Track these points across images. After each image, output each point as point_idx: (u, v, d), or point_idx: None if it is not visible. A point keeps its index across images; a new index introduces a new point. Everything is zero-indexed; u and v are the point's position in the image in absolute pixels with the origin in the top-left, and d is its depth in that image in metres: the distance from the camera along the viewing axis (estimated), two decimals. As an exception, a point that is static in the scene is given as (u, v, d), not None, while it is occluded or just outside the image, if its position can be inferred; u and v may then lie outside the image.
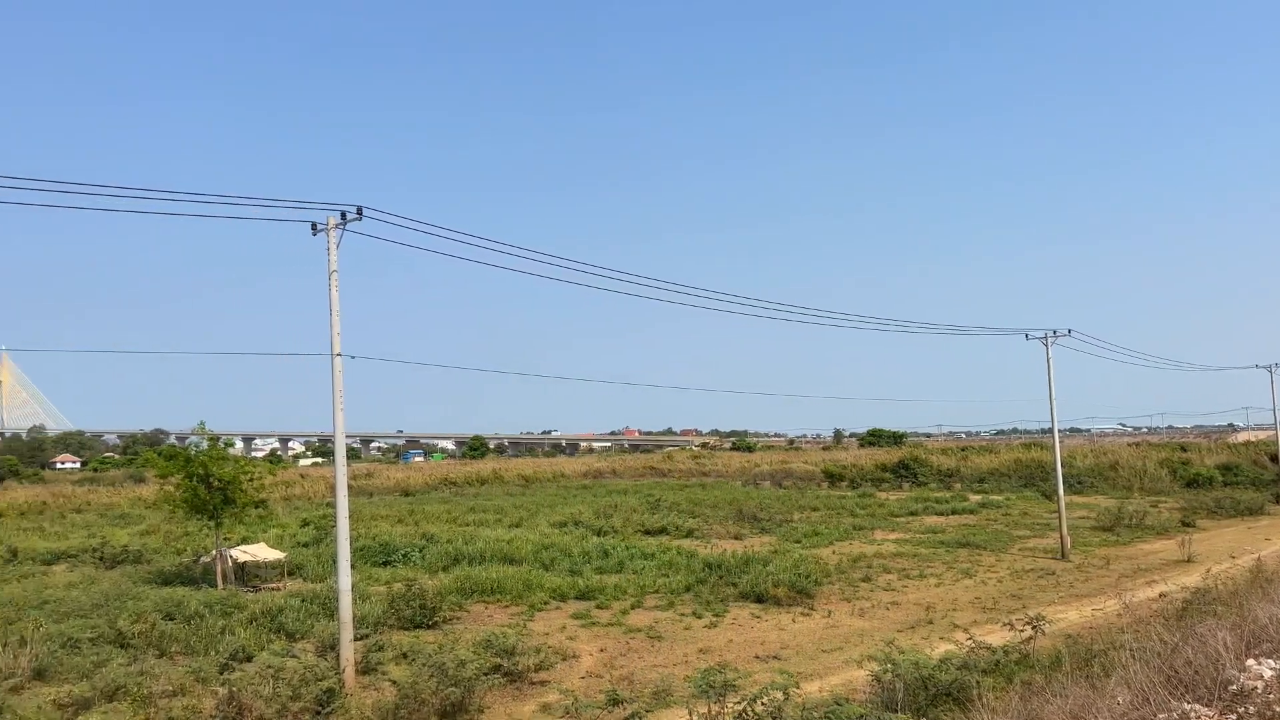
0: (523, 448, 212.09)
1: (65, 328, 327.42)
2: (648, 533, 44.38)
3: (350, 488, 19.63)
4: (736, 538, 42.75)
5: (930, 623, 23.86)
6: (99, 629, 22.14)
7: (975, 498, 64.06)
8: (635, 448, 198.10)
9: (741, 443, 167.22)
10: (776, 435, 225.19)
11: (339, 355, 18.67)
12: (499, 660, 17.99)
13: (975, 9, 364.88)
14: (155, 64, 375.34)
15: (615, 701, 14.82)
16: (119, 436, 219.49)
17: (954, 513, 53.80)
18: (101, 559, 36.45)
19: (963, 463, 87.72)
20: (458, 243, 19.98)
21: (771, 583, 27.55)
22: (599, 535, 42.29)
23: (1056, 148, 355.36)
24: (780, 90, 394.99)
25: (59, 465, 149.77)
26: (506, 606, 26.94)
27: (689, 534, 44.04)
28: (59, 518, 58.93)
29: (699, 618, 24.81)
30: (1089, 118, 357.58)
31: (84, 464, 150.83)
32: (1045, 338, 39.16)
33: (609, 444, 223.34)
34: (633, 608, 26.23)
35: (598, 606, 26.43)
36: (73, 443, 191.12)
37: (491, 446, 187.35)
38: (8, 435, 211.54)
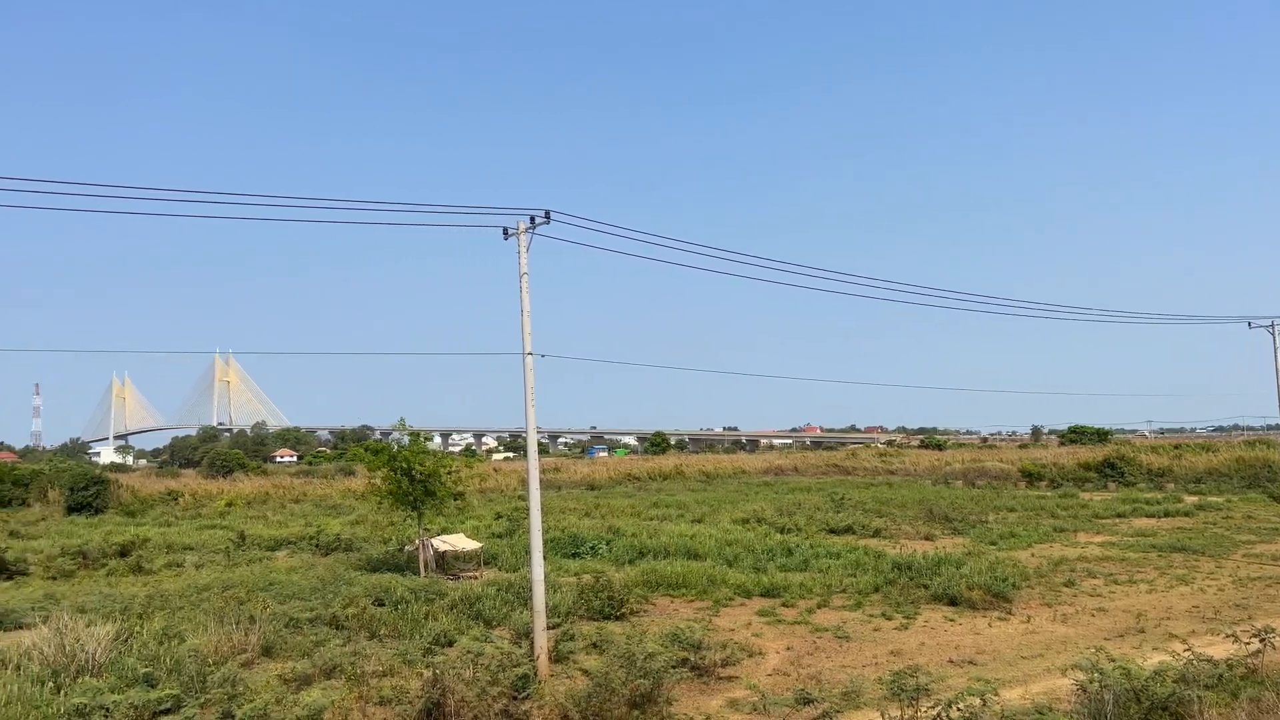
0: (703, 444, 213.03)
1: (283, 332, 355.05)
2: (832, 531, 43.64)
3: (540, 482, 20.29)
4: (927, 538, 41.41)
5: (1141, 631, 22.31)
6: (317, 611, 23.65)
7: (1191, 499, 59.32)
8: (817, 445, 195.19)
9: (930, 440, 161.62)
10: (968, 432, 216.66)
11: (530, 354, 19.33)
12: (686, 654, 18.18)
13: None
14: (345, 76, 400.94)
15: (804, 700, 14.69)
16: (330, 432, 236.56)
17: (1167, 515, 50.02)
18: (317, 546, 39.41)
19: (1176, 461, 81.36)
20: (641, 242, 20.34)
21: (965, 585, 26.52)
22: (782, 533, 41.93)
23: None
24: (976, 71, 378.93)
25: (279, 459, 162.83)
26: (691, 601, 27.10)
27: (876, 533, 43.00)
28: (280, 507, 64.49)
29: (888, 619, 24.20)
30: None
31: (300, 458, 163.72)
32: (1272, 325, 35.83)
33: (789, 441, 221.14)
34: (819, 607, 25.87)
35: (783, 604, 26.22)
36: (290, 438, 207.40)
37: (672, 442, 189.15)
38: (234, 431, 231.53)
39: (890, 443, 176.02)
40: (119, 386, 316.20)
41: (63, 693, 15.66)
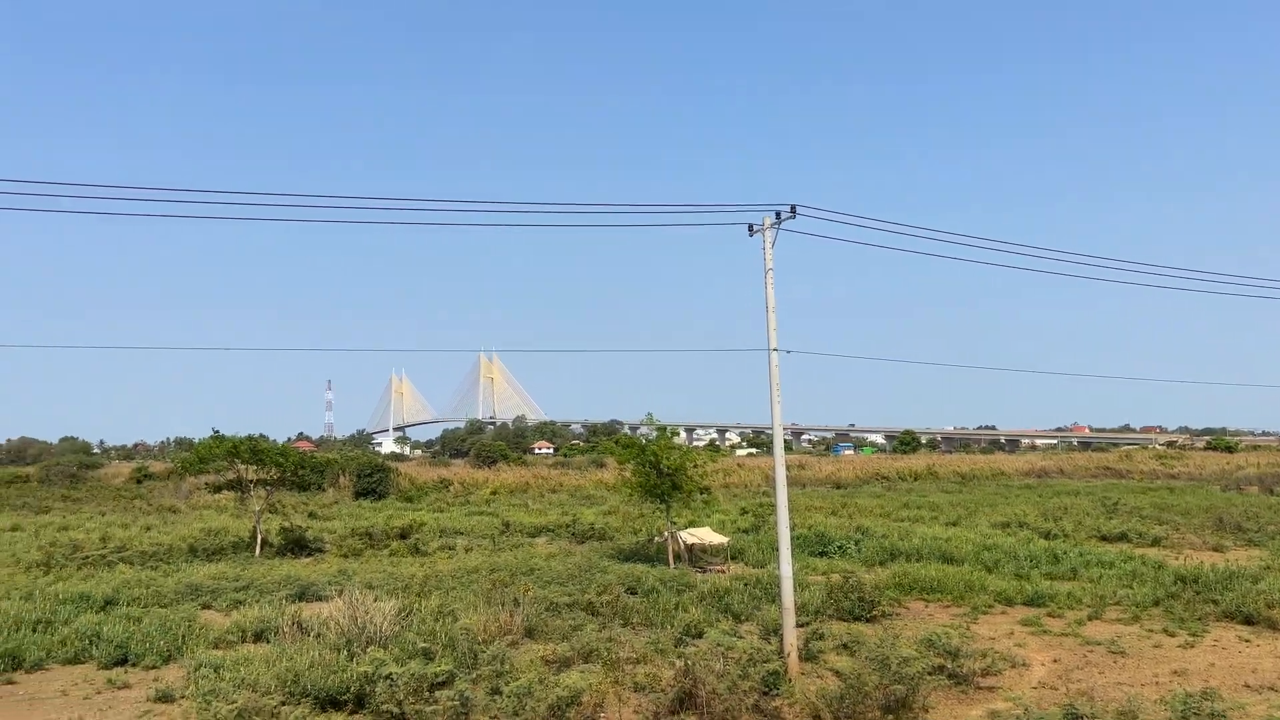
0: (956, 443, 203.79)
1: (540, 330, 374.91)
2: (1104, 538, 40.45)
3: (786, 478, 20.18)
4: (1216, 549, 37.49)
5: None
6: (574, 596, 24.62)
7: None
8: (1085, 445, 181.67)
9: (1219, 441, 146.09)
10: (1264, 433, 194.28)
11: (775, 350, 19.21)
12: (942, 661, 17.48)
13: None
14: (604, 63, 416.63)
15: (1074, 716, 13.75)
16: (583, 426, 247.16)
17: None
18: (573, 534, 41.40)
19: None
20: (888, 233, 19.76)
21: (1264, 603, 23.78)
22: (1046, 538, 39.37)
23: None
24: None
25: (537, 450, 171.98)
26: (947, 606, 26.03)
27: (1155, 542, 39.44)
28: (539, 496, 68.37)
29: (1171, 635, 22.12)
30: None
31: (556, 450, 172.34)
32: None
33: (1054, 441, 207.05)
34: (1090, 618, 24.08)
35: (1049, 614, 24.62)
36: (547, 431, 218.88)
37: (923, 441, 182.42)
38: (497, 424, 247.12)
39: (1170, 444, 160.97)
40: (397, 382, 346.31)
41: (354, 660, 17.32)
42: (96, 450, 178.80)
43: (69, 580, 29.40)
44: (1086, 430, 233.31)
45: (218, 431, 38.56)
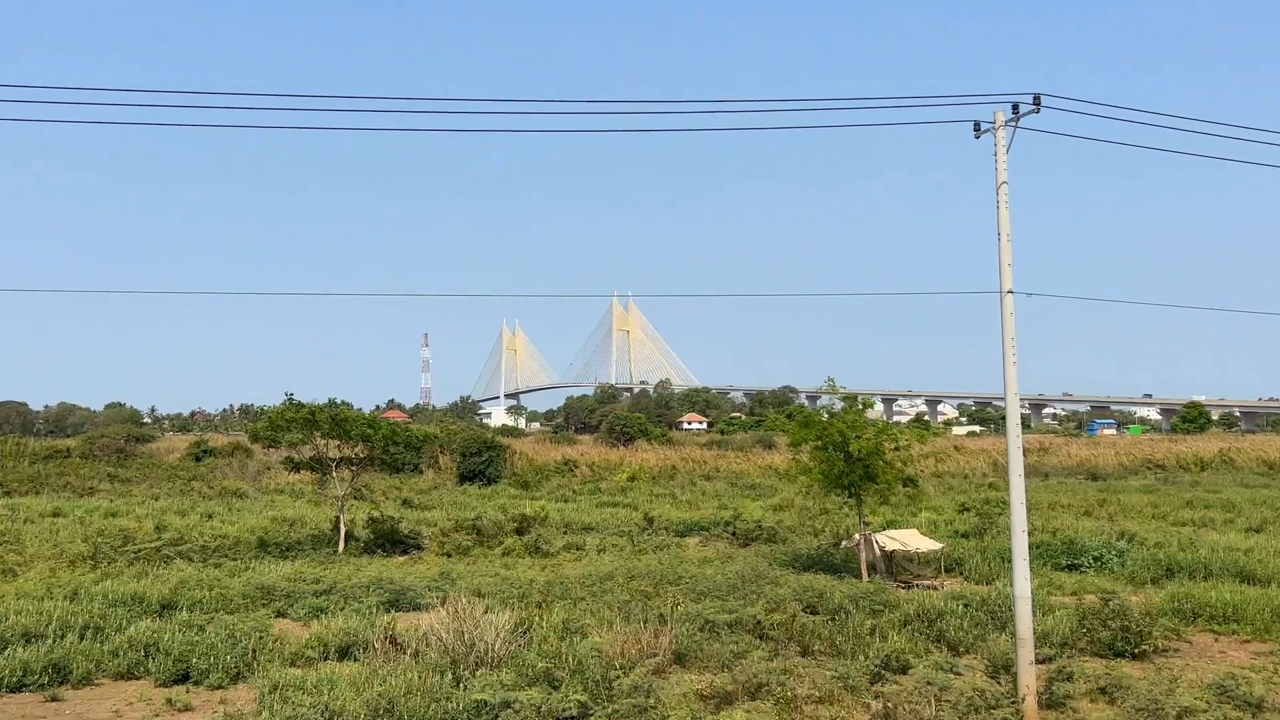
0: (1262, 419, 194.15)
1: (683, 275, 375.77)
2: None
3: (1023, 466, 19.64)
4: None
5: None
6: (736, 614, 24.72)
7: None
8: None
9: None
10: None
11: (1010, 292, 18.75)
12: (1240, 715, 16.86)
13: None
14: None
15: None
16: (746, 395, 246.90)
17: None
18: (734, 534, 41.71)
19: None
20: (1175, 131, 18.84)
21: None
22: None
23: None
24: None
25: (685, 426, 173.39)
26: (1246, 642, 24.99)
27: None
28: (689, 484, 69.12)
29: None
30: None
31: (710, 424, 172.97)
32: None
33: None
34: None
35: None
36: (699, 401, 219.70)
37: (1215, 417, 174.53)
38: (636, 391, 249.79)
39: None
40: (509, 336, 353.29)
41: (462, 685, 17.98)
42: (147, 420, 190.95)
43: (119, 578, 31.23)
44: None
45: (292, 397, 40.08)
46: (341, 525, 38.57)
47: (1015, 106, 18.45)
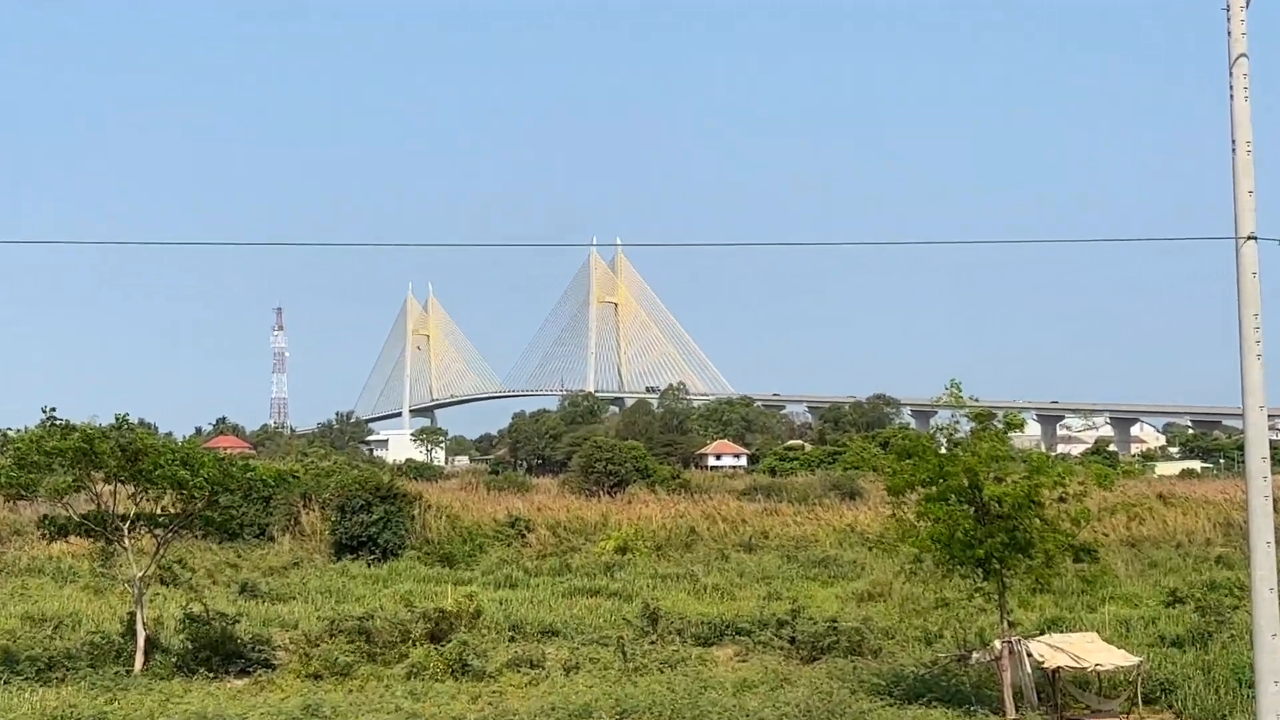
0: None
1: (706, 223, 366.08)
2: None
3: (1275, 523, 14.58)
4: None
5: None
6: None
7: None
8: None
9: None
10: None
11: (1251, 238, 15.35)
12: None
13: None
14: None
15: None
16: (809, 409, 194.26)
17: None
18: (793, 641, 32.26)
19: None
20: None
21: None
22: None
23: None
24: None
25: (713, 461, 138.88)
26: None
27: None
28: (718, 558, 54.04)
29: None
30: None
31: (753, 459, 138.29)
32: None
33: None
34: None
35: None
36: (733, 419, 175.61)
37: None
38: (626, 404, 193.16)
39: None
40: (419, 314, 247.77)
41: None
42: None
43: None
44: None
45: (52, 415, 30.06)
46: (140, 627, 29.19)
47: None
